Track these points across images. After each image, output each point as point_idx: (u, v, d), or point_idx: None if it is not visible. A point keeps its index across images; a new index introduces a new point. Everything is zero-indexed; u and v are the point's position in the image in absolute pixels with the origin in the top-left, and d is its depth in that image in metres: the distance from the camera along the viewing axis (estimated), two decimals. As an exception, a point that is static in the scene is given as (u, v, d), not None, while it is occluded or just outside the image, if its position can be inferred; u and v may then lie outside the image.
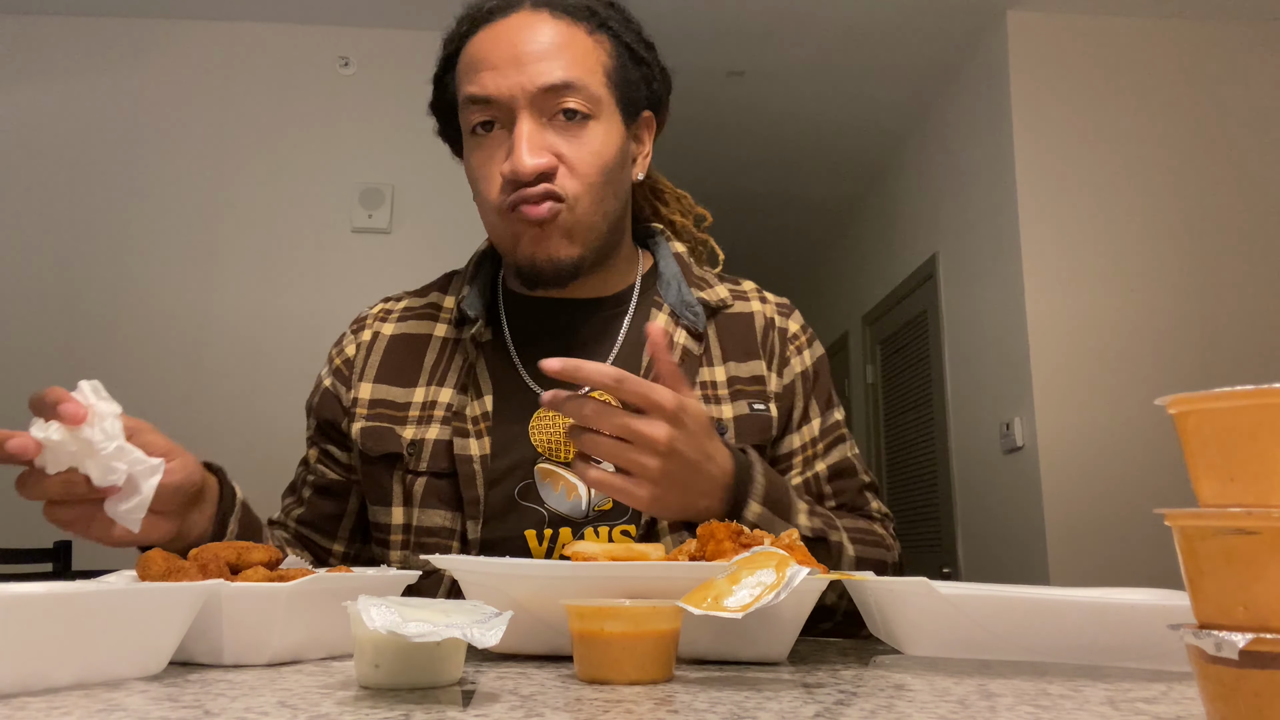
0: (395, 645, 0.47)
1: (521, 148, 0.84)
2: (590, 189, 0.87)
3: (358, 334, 0.99)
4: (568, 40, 0.88)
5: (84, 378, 0.71)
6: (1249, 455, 0.35)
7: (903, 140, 4.37)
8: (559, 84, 0.85)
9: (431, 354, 0.94)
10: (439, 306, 0.98)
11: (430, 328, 0.96)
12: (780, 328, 0.99)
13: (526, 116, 0.85)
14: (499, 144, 0.87)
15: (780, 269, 6.14)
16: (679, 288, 0.96)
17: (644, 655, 0.51)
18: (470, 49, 0.90)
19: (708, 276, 1.02)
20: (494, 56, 0.87)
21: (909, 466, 4.34)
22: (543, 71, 0.85)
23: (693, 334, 0.94)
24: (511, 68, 0.85)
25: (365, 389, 0.93)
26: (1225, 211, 3.30)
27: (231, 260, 3.32)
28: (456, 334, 0.95)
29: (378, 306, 1.02)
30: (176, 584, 0.52)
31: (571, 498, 0.88)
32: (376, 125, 3.45)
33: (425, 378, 0.93)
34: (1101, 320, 3.21)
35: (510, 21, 0.88)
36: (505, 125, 0.87)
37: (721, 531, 0.64)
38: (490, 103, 0.86)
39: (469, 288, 0.96)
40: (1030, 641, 0.62)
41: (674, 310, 0.95)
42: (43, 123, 3.36)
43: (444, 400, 0.91)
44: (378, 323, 0.99)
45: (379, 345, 0.96)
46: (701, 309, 0.96)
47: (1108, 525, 3.03)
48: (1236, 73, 3.39)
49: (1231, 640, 0.33)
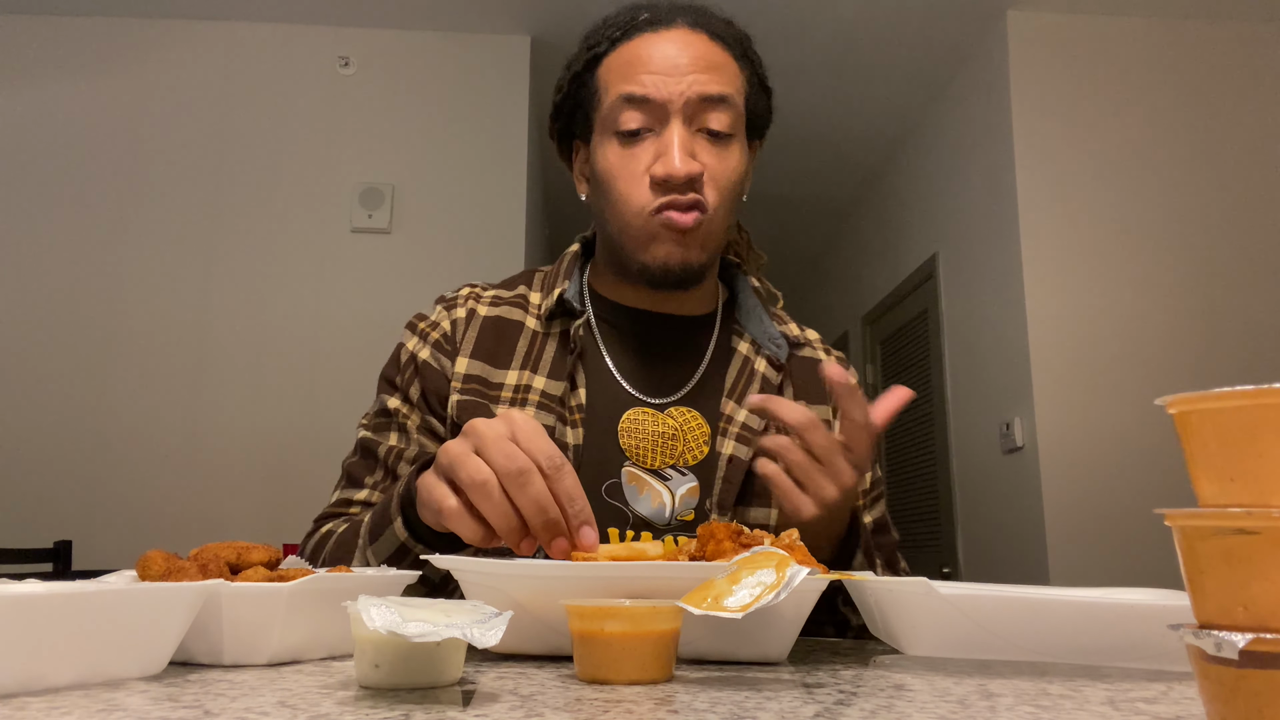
0: (395, 645, 0.47)
1: (676, 152, 0.87)
2: (724, 203, 0.91)
3: (451, 310, 0.98)
4: (723, 61, 0.92)
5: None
6: (1249, 455, 0.35)
7: (903, 140, 4.37)
8: (716, 96, 0.89)
9: (524, 341, 0.95)
10: (526, 299, 0.99)
11: (522, 316, 0.97)
12: None
13: (679, 123, 0.88)
14: (645, 148, 0.90)
15: (780, 269, 6.14)
16: (761, 319, 1.01)
17: (644, 655, 0.51)
18: (627, 51, 0.92)
19: (779, 313, 1.06)
20: (655, 62, 0.89)
21: (909, 466, 4.34)
22: (704, 82, 0.89)
23: (773, 365, 0.98)
24: (671, 74, 0.89)
25: (462, 363, 0.94)
26: (1225, 212, 3.30)
27: (231, 260, 3.32)
28: (546, 328, 0.96)
29: (465, 289, 1.02)
30: (176, 584, 0.52)
31: (656, 504, 0.90)
32: (376, 125, 3.45)
33: (518, 361, 0.94)
34: (1101, 320, 3.21)
35: (671, 34, 0.91)
36: (654, 130, 0.89)
37: (721, 531, 0.64)
38: (648, 103, 0.88)
39: (569, 282, 0.97)
40: (1030, 641, 0.62)
41: (755, 340, 0.99)
42: (43, 123, 3.36)
43: (539, 386, 0.92)
44: (471, 302, 0.99)
45: (475, 323, 0.96)
46: (785, 341, 1.00)
47: (1108, 525, 3.04)
48: (1236, 73, 3.39)
49: (1231, 640, 0.33)
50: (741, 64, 0.95)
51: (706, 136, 0.90)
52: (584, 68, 0.96)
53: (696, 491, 0.90)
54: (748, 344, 0.99)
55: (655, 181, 0.88)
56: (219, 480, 3.15)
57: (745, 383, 0.95)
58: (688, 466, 0.91)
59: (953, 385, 3.85)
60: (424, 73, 3.46)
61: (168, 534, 3.03)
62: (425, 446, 0.93)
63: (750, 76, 0.96)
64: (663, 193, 0.88)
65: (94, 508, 3.10)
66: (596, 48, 0.95)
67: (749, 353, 0.98)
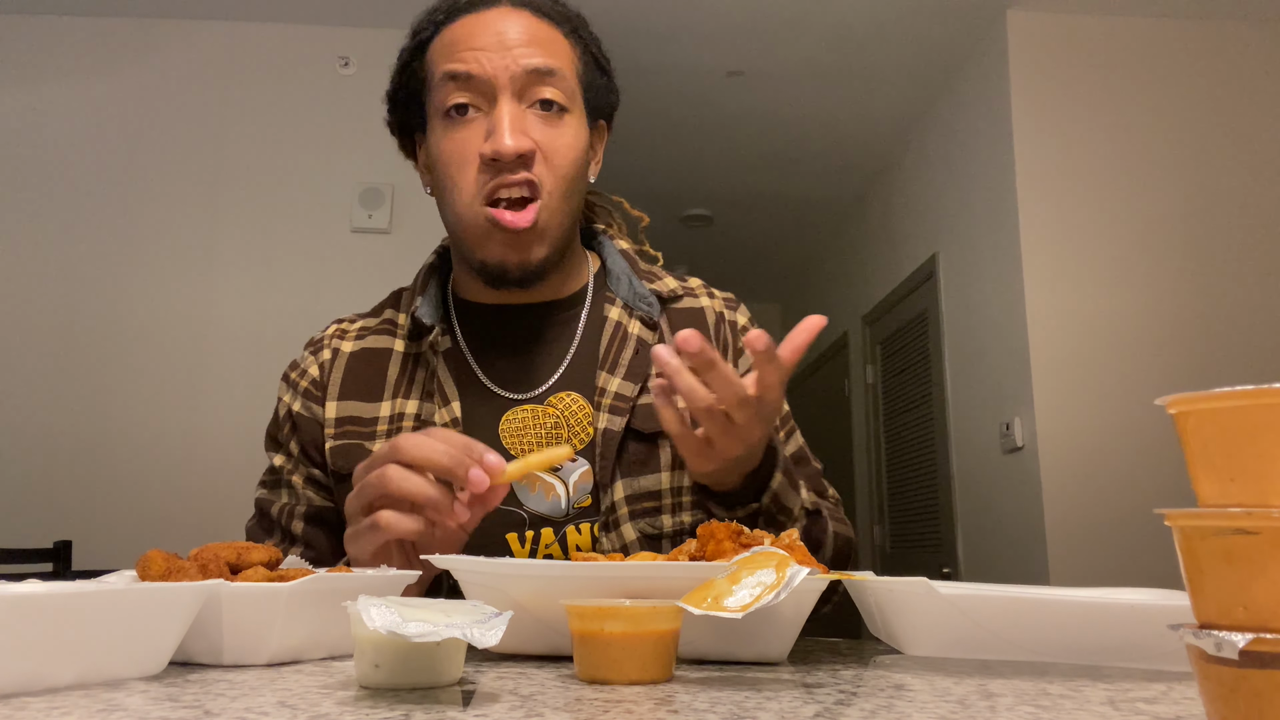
0: (395, 645, 0.47)
1: (504, 128, 0.84)
2: (562, 182, 0.88)
3: (317, 354, 0.96)
4: (549, 36, 0.90)
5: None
6: (1249, 455, 0.35)
7: (903, 140, 4.37)
8: (543, 69, 0.87)
9: (394, 368, 0.93)
10: (394, 323, 0.97)
11: (389, 343, 0.95)
12: (730, 320, 1.01)
13: (507, 99, 0.86)
14: (474, 129, 0.86)
15: (780, 269, 6.14)
16: (630, 281, 0.98)
17: (644, 655, 0.51)
18: (449, 33, 0.90)
19: (655, 270, 1.03)
20: (477, 39, 0.87)
21: (909, 466, 4.34)
22: (528, 55, 0.87)
23: (647, 324, 0.95)
24: (496, 50, 0.86)
25: (331, 408, 0.92)
26: (1225, 212, 3.30)
27: (231, 260, 3.32)
28: (416, 347, 0.94)
29: (331, 327, 1.00)
30: (176, 584, 0.52)
31: (550, 497, 0.88)
32: (376, 125, 3.40)
33: (390, 391, 0.92)
34: (1102, 320, 3.21)
35: (492, 13, 0.90)
36: (482, 109, 0.87)
37: (721, 531, 0.65)
38: (471, 80, 0.86)
39: (420, 299, 0.94)
40: (1030, 641, 0.62)
41: (627, 303, 0.96)
42: (43, 123, 3.36)
43: (411, 411, 0.90)
44: (336, 340, 0.97)
45: (339, 363, 0.95)
46: (655, 299, 0.97)
47: (1108, 525, 3.03)
48: (1236, 73, 3.39)
49: (1231, 640, 0.33)
50: (573, 40, 0.93)
51: (539, 111, 0.87)
52: (411, 56, 0.93)
53: (590, 475, 0.88)
54: (618, 309, 0.96)
55: (485, 161, 0.84)
56: (219, 480, 3.15)
57: (618, 350, 0.93)
58: (577, 452, 0.89)
59: (953, 385, 3.85)
60: (424, 73, 3.46)
61: (168, 534, 3.03)
62: (312, 500, 0.92)
63: (583, 54, 0.94)
64: (493, 174, 0.85)
65: (94, 508, 3.10)
66: (421, 33, 0.93)
67: (620, 317, 0.95)
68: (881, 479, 4.70)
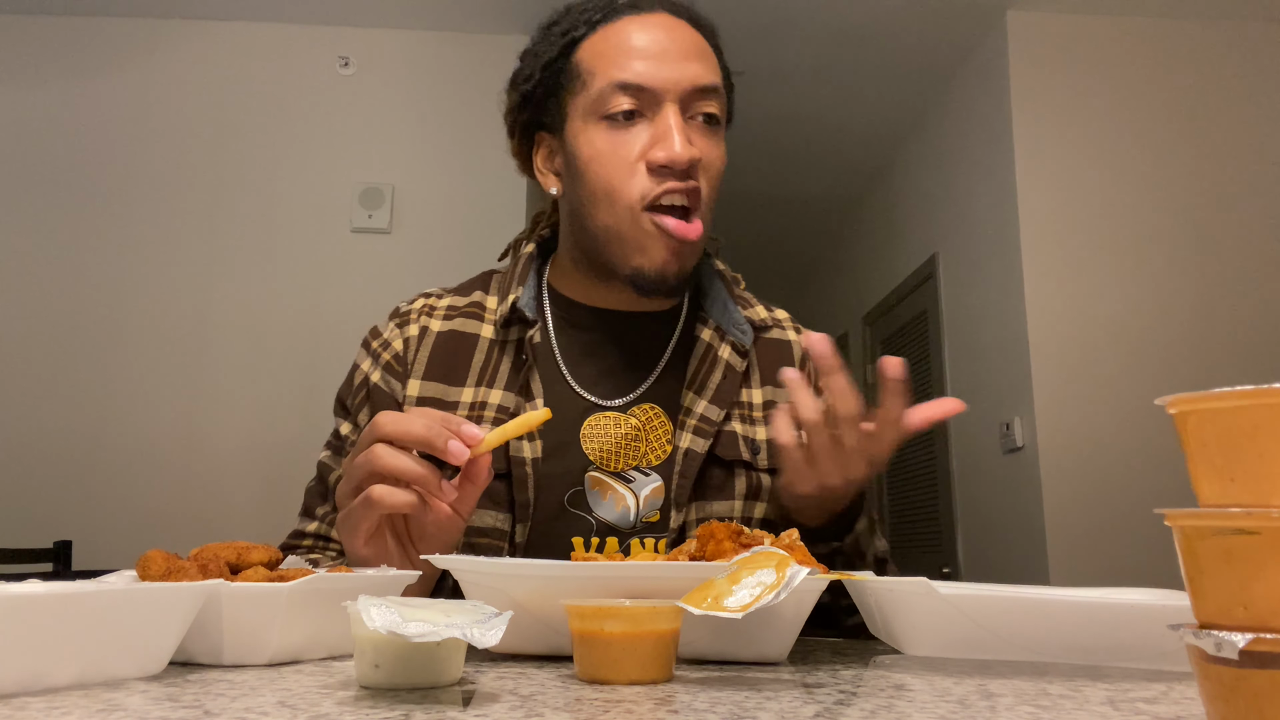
0: (395, 645, 0.47)
1: (677, 136, 0.84)
2: (714, 194, 0.89)
3: (403, 328, 0.95)
4: (707, 50, 0.90)
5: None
6: (1249, 455, 0.35)
7: (903, 140, 4.37)
8: (710, 86, 0.87)
9: (479, 354, 0.92)
10: (483, 306, 0.96)
11: (477, 327, 0.94)
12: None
13: (675, 109, 0.85)
14: (637, 134, 0.86)
15: (780, 269, 6.14)
16: (725, 305, 0.97)
17: (644, 655, 0.51)
18: (611, 35, 0.88)
19: (747, 296, 1.02)
20: (643, 45, 0.87)
21: (909, 466, 4.34)
22: (698, 72, 0.87)
23: (738, 351, 0.95)
24: (664, 61, 0.86)
25: (414, 386, 0.91)
26: (1225, 212, 3.30)
27: (231, 260, 3.32)
28: (503, 335, 0.92)
29: (419, 301, 0.98)
30: (176, 584, 0.52)
31: (620, 508, 0.87)
32: (376, 125, 3.45)
33: (474, 378, 0.91)
34: (1102, 320, 3.21)
35: (655, 19, 0.89)
36: (644, 115, 0.86)
37: (721, 531, 0.65)
38: (642, 91, 0.85)
39: (523, 288, 0.93)
40: (1030, 641, 0.62)
41: (719, 326, 0.95)
42: (43, 123, 3.36)
43: (495, 401, 0.89)
44: (424, 317, 0.95)
45: (427, 340, 0.93)
46: (749, 326, 0.97)
47: (1108, 525, 3.03)
48: (1237, 73, 3.39)
49: (1231, 640, 0.33)
50: (716, 54, 0.93)
51: (700, 123, 0.87)
52: (559, 53, 0.91)
53: (662, 491, 0.88)
54: (711, 331, 0.95)
55: (653, 167, 0.84)
56: (219, 480, 3.15)
57: (707, 372, 0.92)
58: (651, 466, 0.89)
59: (953, 385, 3.85)
60: (424, 73, 3.46)
61: (168, 534, 3.03)
62: None
63: (723, 68, 0.94)
64: (661, 180, 0.84)
65: (94, 508, 3.10)
66: (573, 31, 0.90)
67: (712, 339, 0.94)
68: (881, 479, 4.70)
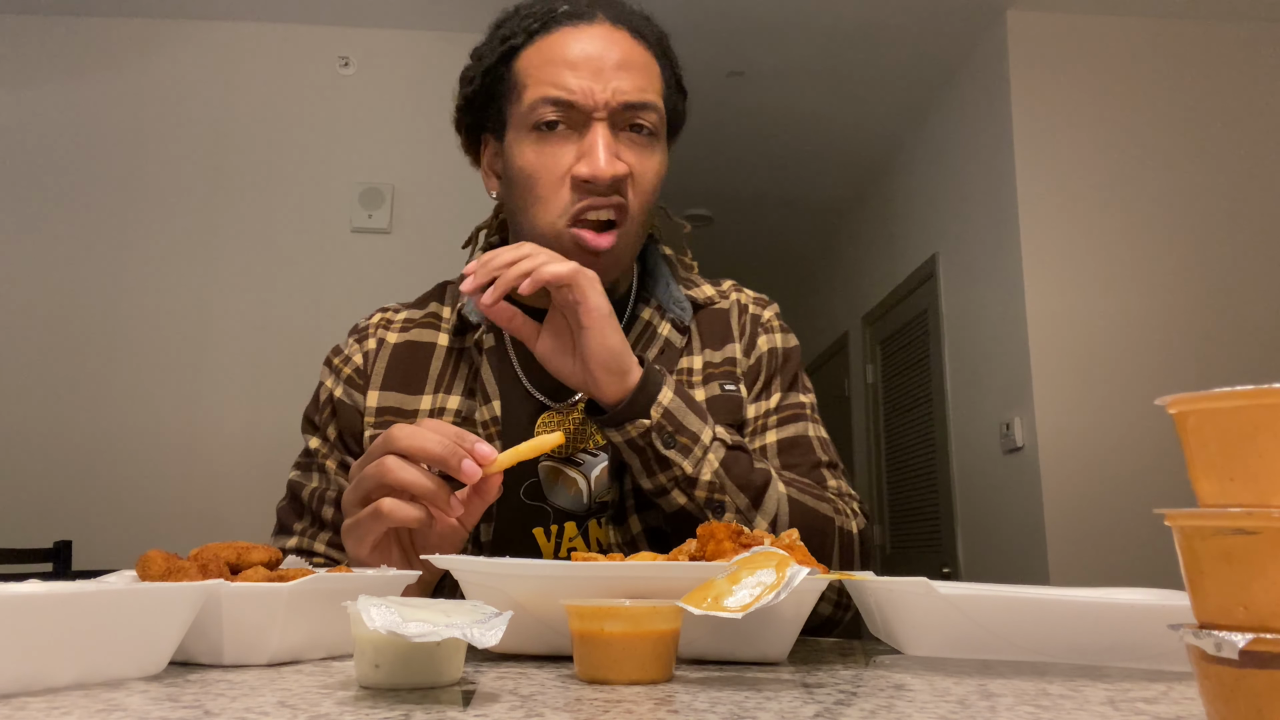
0: (395, 645, 0.47)
1: (601, 153, 0.84)
2: (645, 206, 0.89)
3: (362, 342, 0.97)
4: (645, 62, 0.90)
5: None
6: (1249, 455, 0.35)
7: (903, 140, 4.37)
8: (639, 103, 0.87)
9: (436, 363, 0.94)
10: (439, 316, 0.98)
11: (434, 336, 0.96)
12: (754, 314, 1.02)
13: (603, 124, 0.86)
14: (564, 145, 0.86)
15: (780, 269, 6.14)
16: (667, 285, 0.99)
17: (644, 655, 0.51)
18: (545, 48, 0.88)
19: (693, 277, 1.04)
20: (576, 60, 0.87)
21: (909, 466, 4.34)
22: (627, 88, 0.86)
23: (678, 328, 0.96)
24: (595, 75, 0.86)
25: (373, 397, 0.93)
26: (1225, 212, 3.30)
27: (231, 260, 3.32)
28: (459, 343, 0.95)
29: (376, 316, 1.00)
30: (176, 584, 0.52)
31: (572, 492, 0.89)
32: (376, 125, 3.45)
33: (432, 386, 0.93)
34: (1102, 320, 3.21)
35: (592, 30, 0.89)
36: (573, 128, 0.86)
37: (721, 531, 0.64)
38: (570, 106, 0.86)
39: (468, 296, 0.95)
40: (1030, 641, 0.62)
41: (661, 304, 0.97)
42: (43, 123, 3.36)
43: (452, 407, 0.91)
44: (381, 330, 0.98)
45: (384, 353, 0.96)
46: (689, 304, 0.98)
47: (1108, 525, 3.04)
48: (1236, 73, 3.39)
49: (1231, 640, 0.33)
50: (661, 63, 0.92)
51: (629, 135, 0.87)
52: (498, 60, 0.92)
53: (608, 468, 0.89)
54: (652, 310, 0.97)
55: (577, 182, 0.85)
56: (219, 480, 3.15)
57: (645, 345, 0.94)
58: (599, 446, 0.90)
59: (953, 385, 3.85)
60: (424, 73, 3.46)
61: (168, 534, 3.03)
62: (344, 486, 0.91)
63: (669, 76, 0.94)
64: (584, 195, 0.85)
65: (94, 508, 3.10)
66: (512, 40, 0.91)
67: (652, 318, 0.96)
68: (881, 479, 4.70)
